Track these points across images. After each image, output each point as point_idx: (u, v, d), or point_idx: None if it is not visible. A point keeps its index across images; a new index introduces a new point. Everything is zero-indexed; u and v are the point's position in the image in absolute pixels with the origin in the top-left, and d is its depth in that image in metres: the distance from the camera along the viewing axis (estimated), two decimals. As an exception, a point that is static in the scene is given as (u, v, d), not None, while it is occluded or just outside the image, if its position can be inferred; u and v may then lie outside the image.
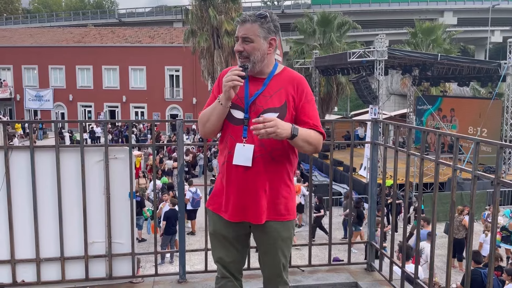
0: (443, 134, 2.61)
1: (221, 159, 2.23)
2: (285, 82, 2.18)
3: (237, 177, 2.13)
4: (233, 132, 2.14)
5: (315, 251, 3.41)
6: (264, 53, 2.11)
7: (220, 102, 2.09)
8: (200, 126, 2.23)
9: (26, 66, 36.63)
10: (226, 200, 2.18)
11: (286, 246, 2.26)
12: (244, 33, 2.09)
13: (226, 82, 2.03)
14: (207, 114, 2.17)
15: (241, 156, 2.10)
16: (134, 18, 54.09)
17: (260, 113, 2.10)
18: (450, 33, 32.29)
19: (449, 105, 21.72)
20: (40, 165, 2.97)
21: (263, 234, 2.22)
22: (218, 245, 2.27)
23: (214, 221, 2.27)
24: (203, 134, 2.26)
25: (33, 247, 2.98)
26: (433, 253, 2.75)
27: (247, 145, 2.10)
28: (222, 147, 2.22)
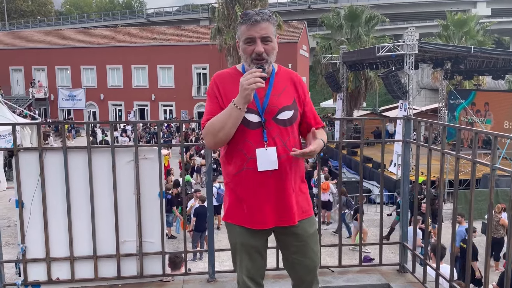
0: (480, 133, 2.50)
1: (233, 168, 2.09)
2: (286, 80, 2.17)
3: (264, 182, 2.04)
4: (251, 137, 2.03)
5: (343, 249, 3.35)
6: (276, 52, 2.09)
7: (238, 106, 1.94)
8: (209, 137, 2.03)
9: (59, 67, 37.77)
10: (253, 208, 2.07)
11: (314, 242, 2.24)
12: (264, 33, 2.00)
13: (248, 85, 1.90)
14: (220, 122, 1.99)
15: (266, 161, 2.02)
16: (162, 17, 54.89)
17: (276, 113, 2.06)
18: (484, 24, 31.16)
19: (483, 99, 21.01)
20: (73, 165, 3.03)
21: (290, 235, 2.17)
22: (245, 257, 2.16)
23: (239, 233, 2.14)
24: (214, 144, 2.06)
25: (67, 246, 3.05)
26: (470, 254, 2.65)
27: (269, 149, 2.03)
28: (235, 154, 2.08)
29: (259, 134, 2.04)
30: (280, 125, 2.07)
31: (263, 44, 2.02)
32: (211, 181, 3.20)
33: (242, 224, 2.12)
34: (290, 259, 2.24)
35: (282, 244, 2.25)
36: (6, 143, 14.22)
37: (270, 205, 2.07)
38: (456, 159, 2.59)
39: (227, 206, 2.18)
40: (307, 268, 2.23)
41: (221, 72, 2.19)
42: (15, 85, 38.26)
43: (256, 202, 2.07)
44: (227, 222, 2.19)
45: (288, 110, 2.09)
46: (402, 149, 3.34)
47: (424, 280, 3.03)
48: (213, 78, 2.15)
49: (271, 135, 2.04)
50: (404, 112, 16.77)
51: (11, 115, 16.74)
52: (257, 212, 2.08)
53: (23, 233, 3.01)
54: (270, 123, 2.05)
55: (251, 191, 2.06)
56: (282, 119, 2.08)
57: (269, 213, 2.08)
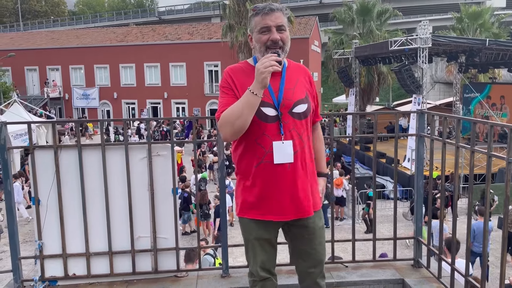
0: (496, 125, 2.46)
1: (251, 161, 2.10)
2: (297, 73, 2.20)
3: (281, 175, 2.06)
4: (268, 130, 2.05)
5: (357, 245, 3.34)
6: (289, 44, 2.12)
7: (254, 92, 1.94)
8: (227, 126, 2.01)
9: (73, 66, 38.19)
10: (271, 201, 2.09)
11: (322, 235, 2.27)
12: (279, 22, 2.05)
13: (264, 69, 1.91)
14: (236, 110, 1.98)
15: (282, 154, 2.05)
16: (173, 15, 55.09)
17: (291, 107, 2.08)
18: (499, 16, 30.60)
19: (499, 92, 20.65)
20: (87, 163, 3.07)
21: (301, 227, 2.20)
22: (260, 251, 2.19)
23: (253, 227, 2.16)
24: (231, 134, 2.02)
25: (83, 242, 3.09)
26: (486, 249, 2.61)
27: (286, 142, 2.05)
28: (251, 147, 2.08)
29: (276, 127, 2.06)
30: (296, 118, 2.09)
31: (278, 33, 2.05)
32: (224, 177, 3.21)
33: (259, 218, 2.13)
34: (298, 252, 2.27)
35: (292, 237, 2.27)
36: (23, 142, 14.45)
37: (289, 198, 2.09)
38: (471, 153, 2.56)
39: (242, 201, 2.18)
40: (315, 261, 2.26)
41: (233, 66, 2.20)
42: (30, 85, 38.83)
43: (275, 195, 2.09)
44: (242, 217, 2.20)
45: (302, 103, 2.12)
46: (416, 143, 3.30)
47: (439, 275, 3.00)
48: (226, 71, 2.16)
49: (287, 129, 2.06)
50: (418, 106, 16.59)
51: (27, 114, 16.98)
52: (276, 205, 2.10)
53: (40, 230, 3.06)
54: (286, 116, 2.08)
55: (269, 184, 2.08)
56: (298, 113, 2.10)
57: (288, 205, 2.10)
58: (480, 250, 7.98)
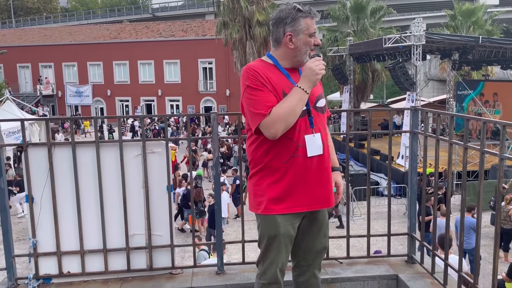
0: (488, 122, 2.48)
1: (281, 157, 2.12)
2: None
3: (312, 167, 2.16)
4: (299, 125, 2.12)
5: (352, 242, 3.35)
6: None
7: (306, 90, 2.06)
8: (281, 123, 2.01)
9: (66, 63, 37.95)
10: (305, 193, 2.16)
11: (328, 228, 2.39)
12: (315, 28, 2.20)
13: (319, 70, 2.06)
14: (291, 107, 2.02)
15: (314, 147, 2.15)
16: (167, 12, 54.82)
17: (315, 102, 2.20)
18: (492, 13, 30.77)
19: (492, 89, 20.80)
20: (81, 160, 3.05)
21: (313, 220, 2.29)
22: (283, 250, 2.21)
23: (280, 224, 2.16)
24: (284, 130, 2.04)
25: (77, 240, 3.09)
26: (479, 245, 2.64)
27: (316, 135, 2.16)
28: (283, 143, 2.10)
29: (306, 121, 2.15)
30: (319, 112, 2.24)
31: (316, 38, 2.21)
32: (219, 175, 3.21)
33: (287, 211, 2.16)
34: (307, 244, 2.33)
35: (303, 230, 2.30)
36: (16, 139, 14.36)
37: (317, 188, 2.19)
38: (464, 149, 2.57)
39: (268, 198, 2.16)
40: (319, 252, 2.36)
41: (254, 64, 2.17)
42: (22, 82, 38.56)
43: (305, 187, 2.16)
44: (269, 214, 2.17)
45: (322, 98, 2.27)
46: (410, 140, 3.32)
47: (432, 270, 3.02)
48: (252, 69, 2.10)
49: (315, 122, 2.18)
50: (411, 103, 16.66)
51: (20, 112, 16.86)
52: (305, 196, 2.17)
53: (34, 228, 3.04)
54: (312, 111, 2.18)
55: (300, 177, 2.15)
56: (320, 107, 2.24)
57: (317, 195, 2.19)
58: (467, 247, 8.03)
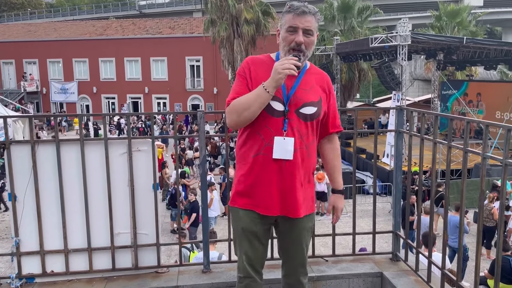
0: (472, 122, 2.52)
1: (250, 151, 2.12)
2: (317, 78, 2.22)
3: (276, 170, 2.08)
4: (271, 124, 2.07)
5: (337, 239, 3.38)
6: (313, 48, 2.15)
7: (267, 89, 1.99)
8: (233, 115, 2.06)
9: (51, 60, 37.41)
10: (260, 193, 2.11)
11: (309, 237, 2.30)
12: (308, 25, 2.05)
13: (282, 69, 1.95)
14: (247, 102, 2.02)
15: (281, 149, 2.06)
16: (154, 9, 54.39)
17: (300, 106, 2.10)
18: (476, 14, 31.22)
19: (476, 89, 21.13)
20: (66, 158, 3.02)
21: (290, 227, 2.21)
22: (246, 243, 2.19)
23: (242, 217, 2.18)
24: (236, 123, 2.08)
25: (61, 239, 3.05)
26: (462, 243, 2.68)
27: (287, 138, 2.07)
28: (253, 138, 2.11)
29: (280, 122, 2.08)
30: (301, 118, 2.11)
31: (304, 36, 2.05)
32: (206, 173, 3.20)
33: (248, 208, 2.15)
34: (285, 249, 2.29)
35: (280, 234, 2.28)
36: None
37: (279, 194, 2.10)
38: (448, 148, 2.61)
39: (234, 191, 2.20)
40: (297, 261, 2.29)
41: (255, 56, 2.20)
42: (6, 79, 37.88)
43: (266, 188, 2.10)
44: (233, 206, 2.21)
45: (312, 106, 2.12)
46: (395, 139, 3.36)
47: (416, 268, 3.06)
48: (247, 60, 2.17)
49: (291, 126, 2.08)
50: (397, 103, 16.83)
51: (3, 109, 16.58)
52: (265, 198, 2.11)
53: (17, 226, 3.00)
54: (292, 114, 2.09)
55: (263, 177, 2.09)
56: (304, 113, 2.11)
57: (277, 201, 2.11)
58: (454, 244, 8.16)
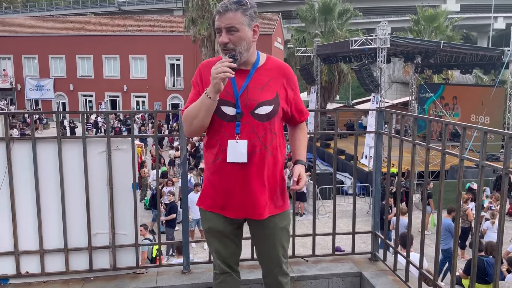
0: (450, 124, 2.57)
1: (210, 157, 2.13)
2: (273, 73, 2.13)
3: (234, 174, 2.06)
4: (225, 129, 2.06)
5: (316, 240, 3.40)
6: (249, 42, 2.02)
7: (209, 95, 1.96)
8: (185, 125, 2.09)
9: (26, 56, 36.53)
10: (224, 197, 2.12)
11: (284, 236, 2.26)
12: (228, 23, 1.97)
13: (216, 74, 1.90)
14: (194, 110, 2.03)
15: (235, 153, 2.04)
16: (134, 6, 53.74)
17: (254, 107, 2.04)
18: (453, 19, 31.95)
19: (452, 93, 21.62)
20: (42, 156, 2.95)
21: (260, 228, 2.21)
22: (214, 241, 2.23)
23: (208, 218, 2.21)
24: (190, 133, 2.11)
25: (36, 239, 2.97)
26: (439, 243, 2.73)
27: (240, 141, 2.03)
28: (212, 143, 2.12)
29: (232, 126, 2.04)
30: (257, 119, 2.05)
31: (228, 34, 1.98)
32: (186, 172, 3.18)
33: (212, 210, 2.19)
34: (259, 250, 2.30)
35: (253, 235, 2.30)
36: (-30, 134, 13.68)
37: (241, 197, 2.10)
38: (426, 150, 2.66)
39: (201, 193, 2.25)
40: (274, 261, 2.27)
41: (208, 60, 2.19)
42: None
43: (226, 192, 2.11)
44: (200, 207, 2.25)
45: (267, 105, 2.06)
46: (375, 140, 3.40)
47: (395, 268, 3.11)
48: (199, 66, 2.18)
49: (246, 129, 2.04)
50: (376, 105, 17.07)
51: (-25, 105, 16.08)
52: (228, 202, 2.13)
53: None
54: (247, 117, 2.04)
55: (222, 181, 2.11)
56: (260, 114, 2.05)
57: (240, 204, 2.12)
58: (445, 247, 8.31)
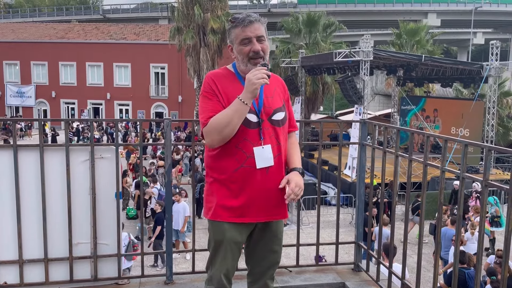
0: (432, 136, 2.63)
1: (231, 165, 2.13)
2: (275, 84, 2.29)
3: (261, 179, 2.13)
4: (250, 136, 2.12)
5: (299, 250, 3.41)
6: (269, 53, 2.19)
7: (245, 102, 2.01)
8: (214, 134, 2.05)
9: (7, 62, 35.95)
10: (247, 204, 2.14)
11: (281, 240, 2.37)
12: (259, 33, 2.09)
13: (256, 80, 1.98)
14: (226, 118, 2.03)
15: (263, 159, 2.12)
16: (119, 14, 53.44)
17: (271, 114, 2.17)
18: (433, 33, 32.65)
19: (433, 105, 22.02)
20: (23, 164, 2.90)
21: (267, 231, 2.27)
22: (230, 255, 2.20)
23: (227, 230, 2.17)
24: (219, 141, 2.07)
25: (15, 248, 2.91)
26: (421, 254, 2.77)
27: (265, 146, 2.13)
28: (232, 151, 2.12)
29: (256, 133, 2.13)
30: (275, 125, 2.18)
31: (259, 43, 2.10)
32: (171, 181, 3.16)
33: (233, 220, 2.16)
34: (258, 253, 2.31)
35: (255, 239, 2.29)
36: None
37: (266, 200, 2.16)
38: (408, 162, 2.70)
39: (216, 204, 2.18)
40: (271, 263, 2.34)
41: (215, 71, 2.24)
42: (-43, 80, 36.06)
43: (253, 198, 2.14)
44: (215, 220, 2.19)
45: (280, 111, 2.21)
46: (359, 151, 3.44)
47: (377, 278, 3.13)
48: (209, 77, 2.18)
49: (267, 135, 2.14)
50: (359, 116, 17.27)
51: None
52: (252, 207, 2.15)
53: (-33, 236, 2.84)
54: (266, 123, 2.16)
55: (249, 188, 2.13)
56: (276, 120, 2.19)
57: (263, 207, 2.17)
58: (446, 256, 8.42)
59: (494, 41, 17.59)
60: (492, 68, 17.30)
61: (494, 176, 16.11)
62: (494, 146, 2.15)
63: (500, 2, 51.51)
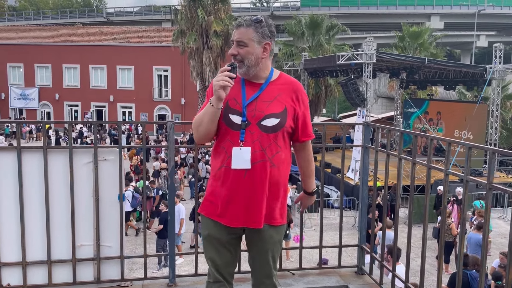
0: (436, 139, 2.62)
1: (217, 164, 2.20)
2: (284, 89, 2.20)
3: (237, 182, 2.11)
4: (231, 137, 2.14)
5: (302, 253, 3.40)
6: (258, 58, 2.13)
7: (211, 103, 2.08)
8: (194, 131, 2.20)
9: (11, 64, 36.10)
10: (224, 205, 2.16)
11: (276, 250, 2.30)
12: (238, 37, 2.12)
13: (215, 82, 2.05)
14: (199, 118, 2.16)
15: (240, 160, 2.10)
16: (122, 17, 53.66)
17: (261, 119, 2.12)
18: (436, 36, 32.60)
19: (436, 108, 21.96)
20: (27, 166, 2.91)
21: (256, 238, 2.24)
22: (211, 248, 2.25)
23: (207, 225, 2.24)
24: (197, 139, 2.22)
25: (19, 250, 2.92)
26: (424, 256, 2.75)
27: (243, 148, 2.10)
28: (219, 151, 2.19)
29: (238, 135, 2.13)
30: (263, 130, 2.12)
31: (237, 47, 2.12)
32: (174, 183, 3.16)
33: (211, 217, 2.21)
34: (252, 260, 2.32)
35: (248, 245, 2.31)
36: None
37: (241, 205, 2.14)
38: (412, 164, 2.70)
39: (204, 199, 2.27)
40: (265, 273, 2.30)
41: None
42: (-38, 82, 36.22)
43: (228, 200, 2.15)
44: (201, 214, 2.27)
45: (274, 117, 2.13)
46: (362, 154, 3.43)
47: (381, 281, 3.12)
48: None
49: (251, 138, 2.11)
50: (362, 119, 17.25)
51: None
52: (227, 209, 2.16)
53: (-29, 237, 2.85)
54: (253, 127, 2.12)
55: (225, 188, 2.14)
56: (265, 125, 2.12)
57: (239, 212, 2.15)
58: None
59: (498, 44, 17.55)
60: (495, 71, 17.24)
61: (498, 179, 16.04)
62: (498, 149, 2.14)
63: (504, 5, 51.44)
